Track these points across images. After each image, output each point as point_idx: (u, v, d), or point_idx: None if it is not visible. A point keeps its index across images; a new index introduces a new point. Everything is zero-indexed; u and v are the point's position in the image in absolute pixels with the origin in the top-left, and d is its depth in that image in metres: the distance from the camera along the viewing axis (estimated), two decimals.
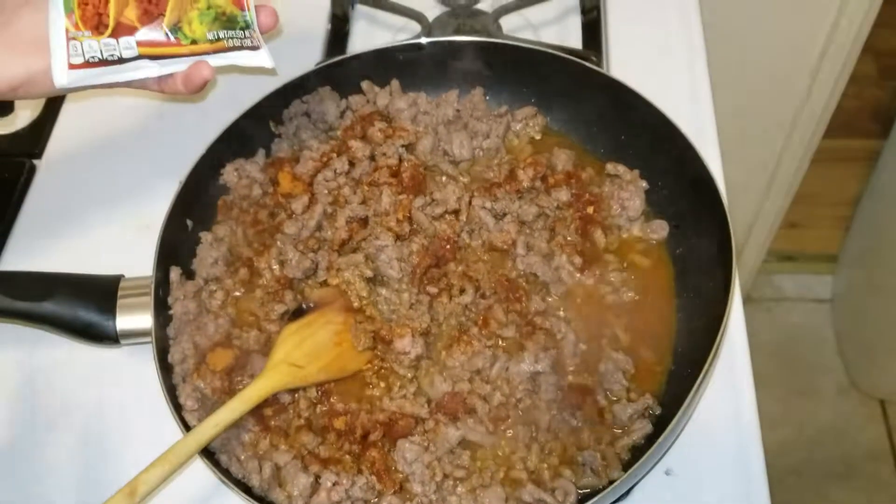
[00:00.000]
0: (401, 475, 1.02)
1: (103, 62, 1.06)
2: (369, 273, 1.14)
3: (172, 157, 1.24)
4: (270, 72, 1.16)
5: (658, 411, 1.06)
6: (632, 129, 1.24)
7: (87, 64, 1.05)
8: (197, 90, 1.11)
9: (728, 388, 1.14)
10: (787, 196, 2.61)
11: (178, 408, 1.04)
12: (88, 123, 1.48)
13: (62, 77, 1.05)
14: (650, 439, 1.04)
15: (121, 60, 1.07)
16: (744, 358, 1.16)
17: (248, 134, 1.28)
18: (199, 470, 1.05)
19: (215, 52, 1.10)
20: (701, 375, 0.98)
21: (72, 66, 1.05)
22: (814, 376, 2.90)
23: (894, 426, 2.80)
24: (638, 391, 1.08)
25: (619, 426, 1.05)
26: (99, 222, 1.36)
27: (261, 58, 1.13)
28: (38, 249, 1.32)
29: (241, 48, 1.11)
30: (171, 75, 1.11)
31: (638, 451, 1.03)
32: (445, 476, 1.02)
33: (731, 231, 1.07)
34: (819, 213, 3.16)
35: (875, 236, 2.63)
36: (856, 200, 2.80)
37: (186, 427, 1.03)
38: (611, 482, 1.00)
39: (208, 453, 1.02)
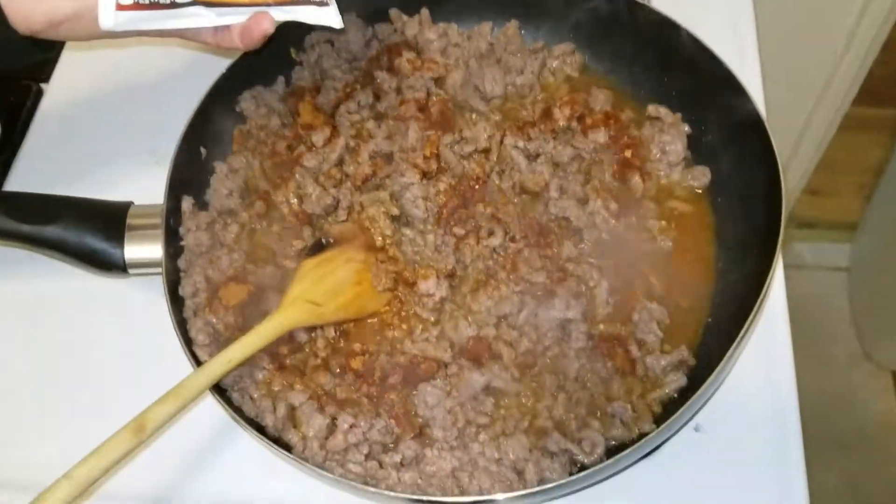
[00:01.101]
0: (421, 420, 0.98)
1: (154, 5, 0.96)
2: (395, 211, 1.08)
3: (188, 83, 1.18)
4: (337, 31, 1.08)
5: (693, 364, 1.01)
6: (676, 70, 1.17)
7: (137, 5, 0.96)
8: (255, 45, 1.02)
9: (765, 346, 1.08)
10: (811, 162, 2.55)
11: (188, 342, 0.99)
12: (99, 45, 1.41)
13: (108, 18, 0.95)
14: (683, 393, 0.99)
15: (174, 4, 0.97)
16: (783, 315, 1.11)
17: (268, 60, 1.21)
18: (210, 407, 1.01)
19: (279, 4, 1.01)
20: (743, 330, 0.92)
21: (120, 7, 0.95)
22: (827, 345, 2.86)
23: None
24: (672, 343, 1.02)
25: (652, 378, 1.00)
26: (108, 149, 1.30)
27: (329, 16, 1.04)
28: (44, 174, 1.26)
29: (307, 2, 1.02)
30: (227, 27, 1.01)
31: (670, 405, 0.99)
32: (468, 422, 0.97)
33: (783, 182, 1.00)
34: (841, 180, 3.10)
35: None
36: (879, 169, 2.73)
37: (197, 362, 0.98)
38: (641, 435, 0.95)
39: (220, 390, 0.97)
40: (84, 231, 1.05)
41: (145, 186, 1.13)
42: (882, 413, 2.80)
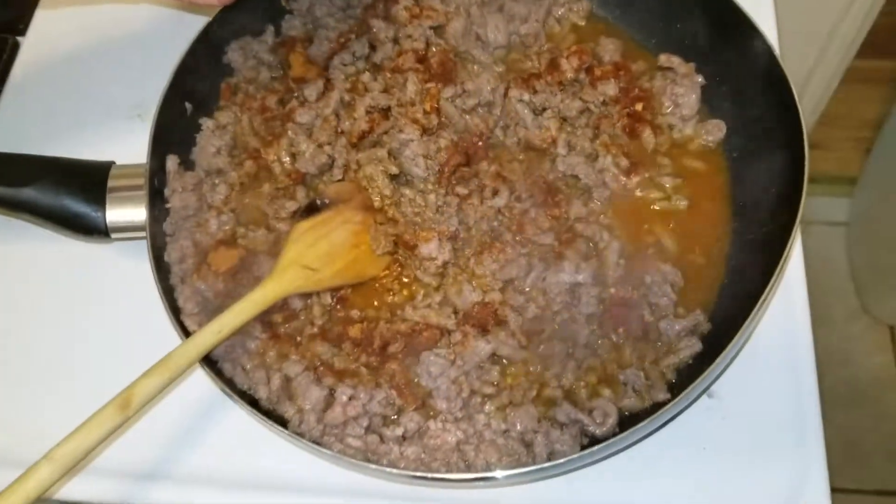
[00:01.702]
0: (423, 390, 0.93)
1: None
2: (394, 169, 1.02)
3: (172, 35, 1.11)
4: None
5: (708, 329, 0.96)
6: (688, 16, 1.10)
7: None
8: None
9: (783, 310, 1.04)
10: (812, 116, 2.51)
11: (176, 311, 0.94)
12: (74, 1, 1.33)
13: None
14: (698, 359, 0.94)
15: None
16: (800, 276, 1.06)
17: (256, 9, 1.14)
18: (200, 380, 0.96)
19: None
20: (764, 294, 0.87)
21: None
22: (824, 300, 2.84)
23: None
24: (687, 306, 0.97)
25: (665, 344, 0.95)
26: (88, 107, 1.23)
27: None
28: (19, 133, 1.20)
29: None
30: None
31: (684, 372, 0.94)
32: (473, 392, 0.93)
33: (805, 136, 0.95)
34: (840, 134, 3.05)
35: None
36: (878, 123, 2.69)
37: (186, 332, 0.92)
38: (654, 404, 0.91)
39: (210, 362, 0.92)
40: (63, 193, 0.99)
41: (128, 144, 1.07)
42: (880, 367, 2.79)
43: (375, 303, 0.99)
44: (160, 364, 0.83)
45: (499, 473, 0.85)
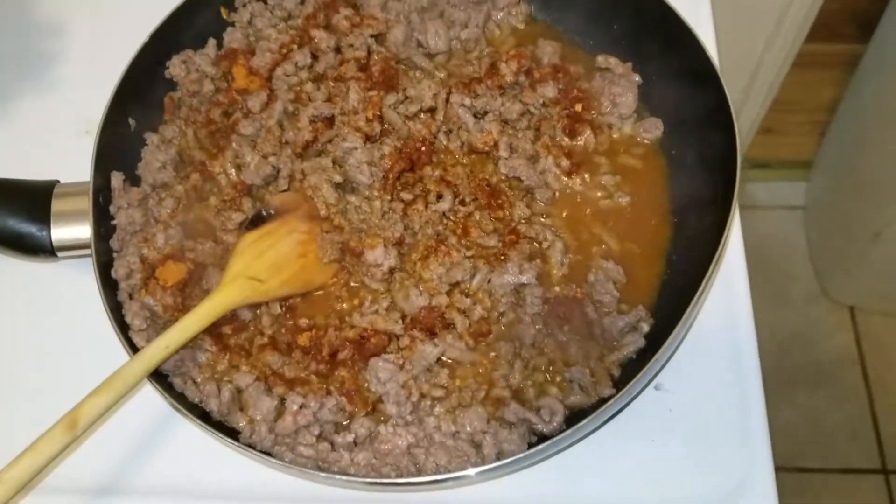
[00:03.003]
0: (373, 396, 0.94)
1: None
2: (338, 178, 1.03)
3: (113, 48, 1.10)
4: None
5: (651, 324, 0.98)
6: (624, 17, 1.12)
7: None
8: None
9: (723, 299, 1.06)
10: (765, 102, 2.53)
11: (123, 328, 0.94)
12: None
13: None
14: (642, 354, 0.96)
15: None
16: (740, 265, 1.08)
17: (197, 22, 1.14)
18: (152, 393, 0.96)
19: None
20: (702, 286, 0.90)
21: None
22: (784, 283, 2.88)
23: (863, 333, 2.80)
24: (630, 302, 1.00)
25: (610, 340, 0.97)
26: (29, 124, 1.22)
27: None
28: None
29: None
30: None
31: (629, 367, 0.96)
32: (422, 396, 0.94)
33: (736, 129, 0.97)
34: (794, 119, 3.09)
35: (851, 143, 2.57)
36: (832, 106, 2.73)
37: (134, 349, 0.93)
38: (601, 400, 0.93)
39: (160, 377, 0.93)
40: (6, 214, 0.99)
41: (75, 159, 1.06)
42: (840, 348, 2.84)
43: (324, 311, 1.00)
44: (107, 382, 0.83)
45: (448, 476, 0.87)
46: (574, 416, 0.93)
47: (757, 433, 0.99)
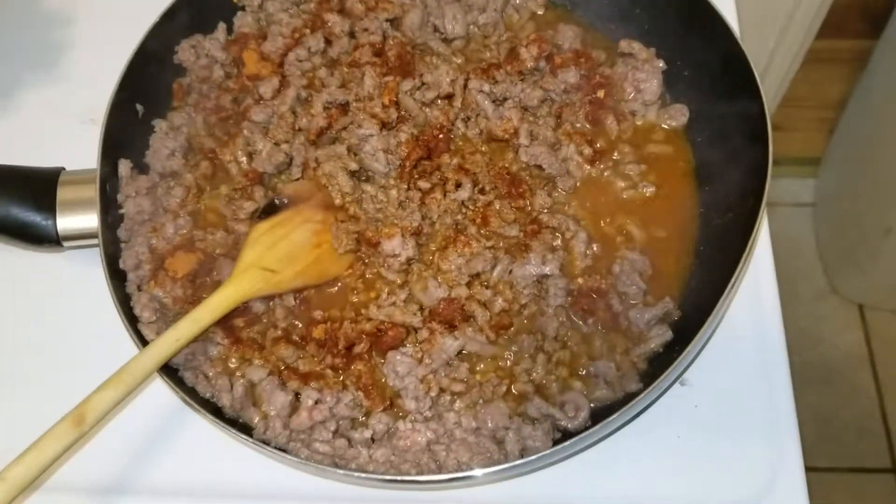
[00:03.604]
0: (391, 390, 0.91)
1: None
2: (354, 166, 0.99)
3: (121, 38, 1.07)
4: None
5: (678, 316, 0.95)
6: (648, 1, 1.09)
7: None
8: None
9: (750, 292, 1.03)
10: (775, 98, 2.51)
11: (132, 320, 0.91)
12: None
13: None
14: (669, 347, 0.93)
15: None
16: (767, 257, 1.05)
17: (207, 5, 1.11)
18: (163, 388, 0.93)
19: None
20: (733, 279, 0.86)
21: None
22: (793, 280, 2.85)
23: (872, 331, 2.78)
24: (656, 294, 0.96)
25: (636, 333, 0.94)
26: (37, 114, 1.19)
27: None
28: None
29: None
30: None
31: (656, 361, 0.93)
32: (442, 391, 0.91)
33: (768, 116, 0.94)
34: (803, 115, 3.07)
35: (861, 140, 2.55)
36: (841, 103, 2.70)
37: (143, 342, 0.89)
38: (627, 395, 0.90)
39: (170, 371, 0.89)
40: (10, 202, 0.95)
41: (81, 150, 1.03)
42: (849, 346, 2.81)
43: (339, 303, 0.97)
44: (115, 377, 0.80)
45: (472, 473, 0.83)
46: (599, 412, 0.89)
47: (786, 430, 0.97)
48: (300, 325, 0.95)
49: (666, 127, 1.06)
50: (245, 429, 0.88)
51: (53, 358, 1.00)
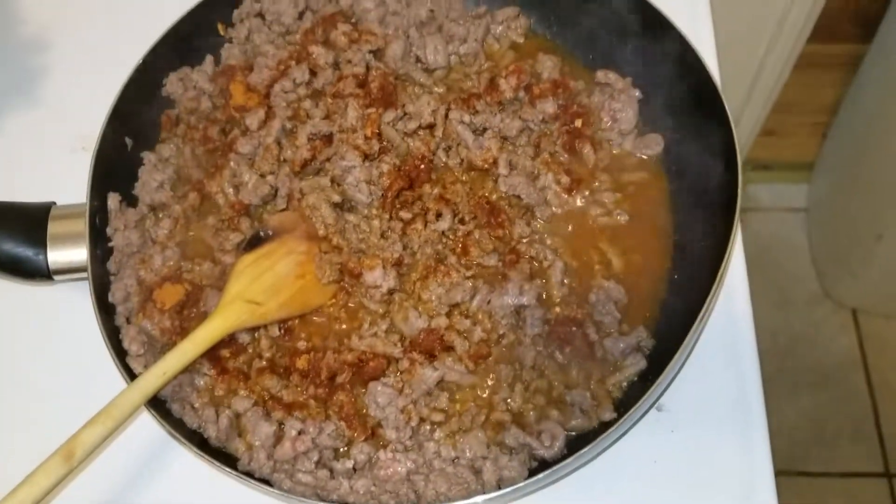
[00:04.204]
0: (373, 420, 0.94)
1: None
2: (337, 198, 1.02)
3: (110, 64, 1.09)
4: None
5: (652, 344, 0.97)
6: (624, 32, 1.11)
7: None
8: None
9: (724, 318, 1.05)
10: (767, 103, 2.52)
11: (120, 354, 0.93)
12: (8, 13, 1.30)
13: None
14: (644, 376, 0.95)
15: None
16: (742, 283, 1.07)
17: (194, 38, 1.13)
18: (149, 419, 0.95)
19: None
20: (703, 310, 0.89)
21: None
22: (786, 285, 2.87)
23: (866, 335, 2.79)
24: (630, 322, 0.99)
25: (611, 362, 0.96)
26: (22, 141, 1.21)
27: None
28: None
29: None
30: None
31: (630, 389, 0.95)
32: (422, 420, 0.93)
33: (737, 145, 0.96)
34: (796, 120, 3.08)
35: (853, 144, 2.56)
36: (833, 107, 2.71)
37: (131, 375, 0.92)
38: (602, 423, 0.92)
39: (157, 402, 0.92)
40: (2, 237, 0.98)
41: (70, 175, 1.06)
42: (843, 350, 2.82)
43: (323, 332, 0.99)
44: (104, 411, 0.82)
45: None
46: (574, 441, 0.92)
47: (759, 450, 0.98)
48: (284, 356, 0.98)
49: (641, 156, 1.08)
50: (230, 459, 0.90)
51: (43, 390, 1.03)
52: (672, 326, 0.97)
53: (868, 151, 2.50)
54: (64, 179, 1.09)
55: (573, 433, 0.93)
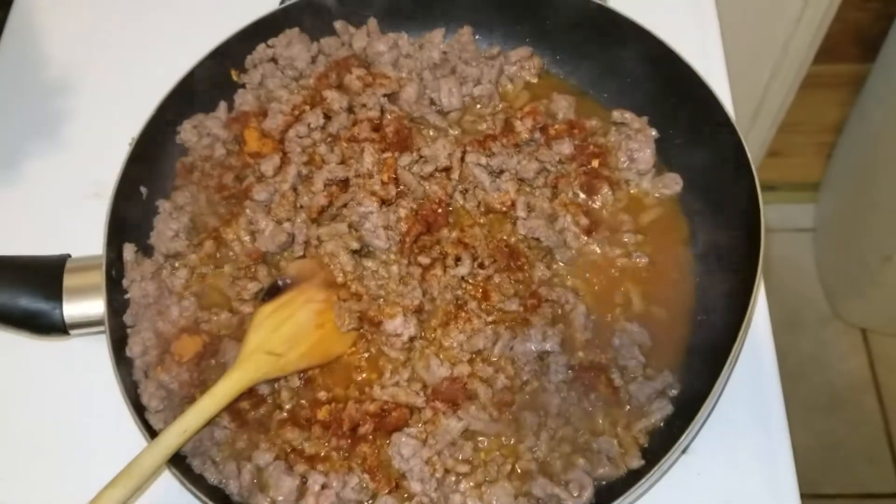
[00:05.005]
0: (396, 472, 0.92)
1: None
2: (355, 244, 1.01)
3: (126, 109, 1.09)
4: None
5: (678, 389, 0.96)
6: (639, 71, 1.11)
7: None
8: None
9: (749, 358, 1.04)
10: (773, 124, 2.52)
11: (139, 409, 0.92)
12: (29, 56, 1.30)
13: None
14: (670, 421, 0.94)
15: None
16: (765, 324, 1.06)
17: (208, 85, 1.13)
18: (165, 477, 0.93)
19: None
20: (732, 354, 0.88)
21: None
22: (795, 306, 2.85)
23: (876, 356, 2.77)
24: (655, 367, 0.97)
25: (636, 408, 0.95)
26: (39, 190, 1.20)
27: None
28: None
29: None
30: None
31: (657, 435, 0.94)
32: (447, 471, 0.91)
33: (757, 183, 0.96)
34: (800, 140, 3.08)
35: (859, 164, 2.55)
36: (838, 127, 2.71)
37: (150, 431, 0.90)
38: (630, 472, 0.90)
39: (178, 458, 0.90)
40: (18, 293, 0.96)
41: (84, 223, 1.05)
42: (854, 371, 2.81)
43: (343, 381, 0.98)
44: (124, 473, 0.81)
45: None
46: (603, 490, 0.90)
47: (787, 489, 0.97)
48: (305, 407, 0.96)
49: (660, 196, 1.07)
50: None
51: (60, 449, 1.01)
52: (697, 368, 0.96)
53: (874, 171, 2.50)
54: (77, 227, 1.08)
55: (601, 482, 0.91)
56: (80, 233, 1.05)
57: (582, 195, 1.06)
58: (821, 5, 2.11)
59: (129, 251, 1.02)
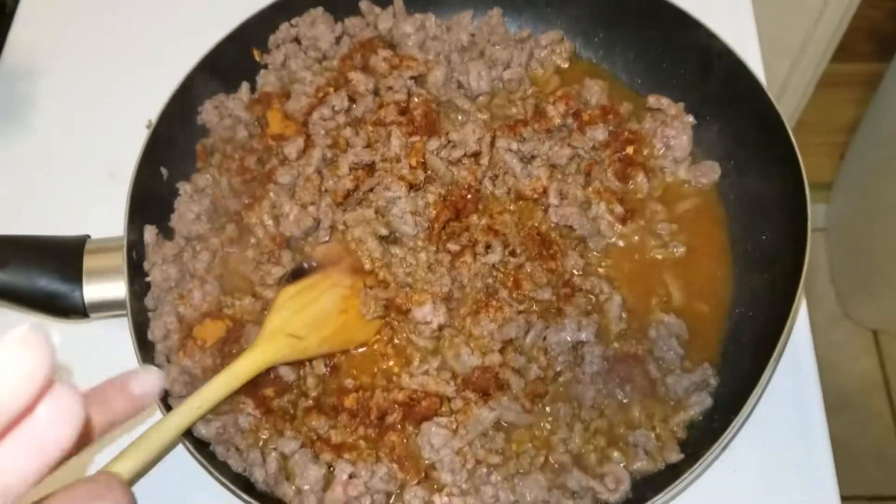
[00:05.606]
0: (425, 462, 0.89)
1: None
2: (383, 231, 0.98)
3: (143, 92, 1.06)
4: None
5: (717, 382, 0.93)
6: (675, 55, 1.08)
7: None
8: None
9: (787, 354, 1.00)
10: (789, 125, 2.50)
11: (162, 395, 0.89)
12: (45, 44, 1.27)
13: None
14: (709, 414, 0.91)
15: None
16: (804, 319, 1.03)
17: (229, 65, 1.10)
18: (189, 462, 0.90)
19: None
20: (777, 347, 0.85)
21: None
22: (806, 306, 2.83)
23: (887, 357, 2.75)
24: (694, 359, 0.94)
25: (674, 400, 0.92)
26: (58, 172, 1.17)
27: None
28: None
29: None
30: None
31: (695, 429, 0.91)
32: (478, 463, 0.88)
33: (803, 170, 0.93)
34: (813, 139, 3.06)
35: (872, 164, 2.53)
36: (851, 127, 2.69)
37: None
38: (667, 465, 0.88)
39: (202, 445, 0.87)
40: (37, 274, 0.93)
41: (105, 208, 1.02)
42: (866, 372, 2.79)
43: (369, 369, 0.95)
44: (134, 444, 0.76)
45: None
46: (640, 483, 0.87)
47: (826, 487, 0.94)
48: (331, 394, 0.93)
49: (697, 184, 1.04)
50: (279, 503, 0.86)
51: None
52: (737, 363, 0.93)
53: (887, 171, 2.47)
54: (92, 209, 1.05)
55: (637, 476, 0.88)
56: (99, 216, 1.02)
57: (616, 183, 1.03)
58: (840, 4, 2.09)
59: (150, 233, 0.99)
